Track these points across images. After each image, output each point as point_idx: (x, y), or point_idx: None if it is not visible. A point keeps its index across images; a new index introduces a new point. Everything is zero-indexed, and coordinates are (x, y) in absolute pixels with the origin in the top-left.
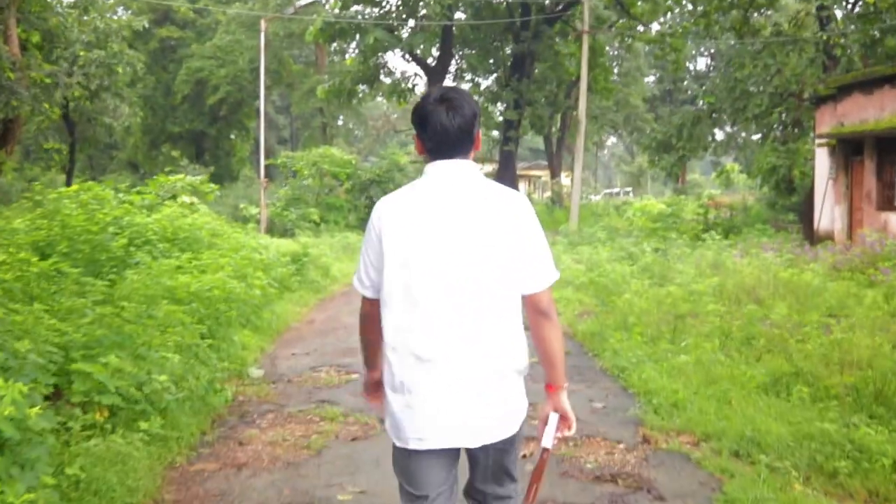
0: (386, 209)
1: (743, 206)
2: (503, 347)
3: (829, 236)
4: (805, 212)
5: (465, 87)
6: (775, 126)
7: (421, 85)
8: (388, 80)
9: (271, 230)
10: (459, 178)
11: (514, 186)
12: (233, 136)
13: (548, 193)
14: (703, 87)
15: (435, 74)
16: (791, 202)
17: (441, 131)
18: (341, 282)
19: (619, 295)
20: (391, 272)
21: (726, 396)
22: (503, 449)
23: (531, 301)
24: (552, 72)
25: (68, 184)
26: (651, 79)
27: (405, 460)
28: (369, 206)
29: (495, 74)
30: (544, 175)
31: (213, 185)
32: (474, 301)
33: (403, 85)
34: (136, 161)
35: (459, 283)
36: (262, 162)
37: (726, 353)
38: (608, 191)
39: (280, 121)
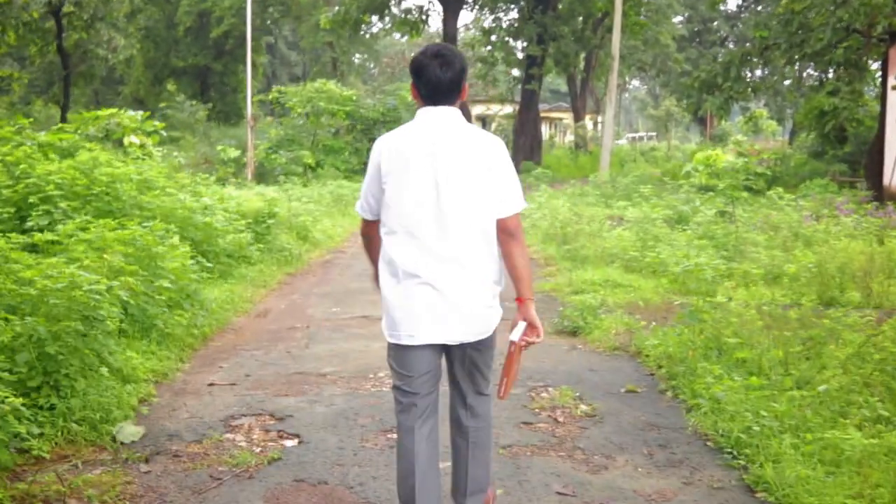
0: (385, 145)
1: (782, 156)
2: (482, 261)
3: None
4: (870, 165)
5: (487, 21)
6: (831, 66)
7: (436, 17)
8: (397, 12)
9: (261, 177)
10: (447, 122)
11: (537, 128)
12: (240, 72)
13: (571, 137)
14: (755, 23)
15: (451, 4)
16: (844, 152)
17: (434, 81)
18: (324, 247)
19: (706, 294)
20: (388, 197)
21: None
22: (478, 350)
23: (501, 224)
24: (580, 5)
25: (62, 119)
26: (679, 19)
27: (398, 353)
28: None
29: (517, 6)
30: (566, 118)
31: (157, 124)
32: (458, 222)
33: (415, 16)
34: (140, 97)
35: (446, 207)
36: (250, 97)
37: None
38: (631, 135)
39: (292, 57)
